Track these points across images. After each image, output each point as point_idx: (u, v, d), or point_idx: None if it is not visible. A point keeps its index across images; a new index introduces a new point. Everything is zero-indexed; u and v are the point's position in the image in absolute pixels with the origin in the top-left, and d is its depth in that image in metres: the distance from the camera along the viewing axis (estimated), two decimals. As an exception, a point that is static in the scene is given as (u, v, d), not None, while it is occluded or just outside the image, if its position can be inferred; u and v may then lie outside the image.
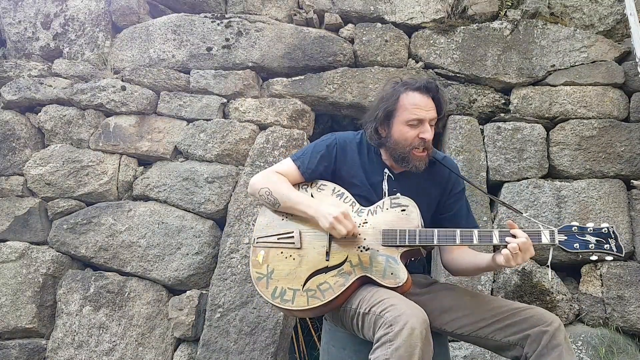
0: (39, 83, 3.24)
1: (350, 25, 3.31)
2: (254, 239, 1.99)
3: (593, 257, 1.80)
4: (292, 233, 1.93)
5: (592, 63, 3.15)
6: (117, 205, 3.04)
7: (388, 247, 1.83)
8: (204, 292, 2.90)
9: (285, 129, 3.10)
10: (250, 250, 2.00)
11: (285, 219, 1.98)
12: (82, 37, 3.42)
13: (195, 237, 2.95)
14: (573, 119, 3.07)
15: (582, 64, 3.15)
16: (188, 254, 2.93)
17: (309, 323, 3.46)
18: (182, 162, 3.13)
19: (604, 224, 1.77)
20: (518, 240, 1.70)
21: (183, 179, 3.04)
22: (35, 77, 3.29)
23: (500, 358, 2.22)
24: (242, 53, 3.26)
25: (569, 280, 2.96)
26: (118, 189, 3.11)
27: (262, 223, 2.01)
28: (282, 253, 1.92)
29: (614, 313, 2.80)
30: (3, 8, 3.46)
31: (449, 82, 3.19)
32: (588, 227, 1.77)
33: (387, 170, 1.99)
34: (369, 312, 1.69)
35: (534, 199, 2.94)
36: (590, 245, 1.74)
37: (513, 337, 1.74)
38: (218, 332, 2.77)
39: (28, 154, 3.18)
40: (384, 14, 3.29)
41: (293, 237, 1.92)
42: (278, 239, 1.95)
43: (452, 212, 2.01)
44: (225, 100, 3.20)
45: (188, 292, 2.89)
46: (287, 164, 2.04)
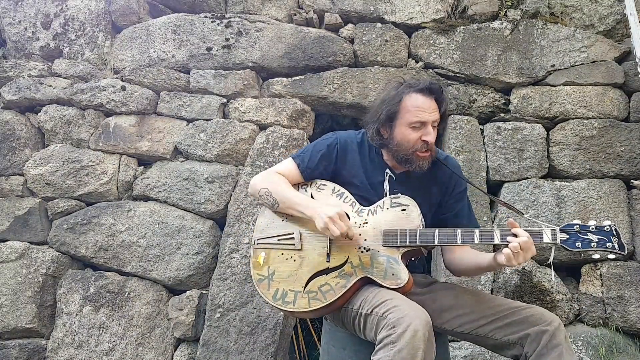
0: (39, 83, 3.24)
1: (350, 25, 3.31)
2: (254, 240, 1.99)
3: (595, 255, 1.79)
4: (292, 234, 1.93)
5: (592, 63, 3.15)
6: (117, 205, 3.04)
7: (389, 247, 1.83)
8: (204, 292, 2.90)
9: (285, 129, 3.10)
10: (251, 252, 1.99)
11: (285, 220, 1.97)
12: (82, 37, 3.42)
13: (195, 237, 2.95)
14: (573, 119, 3.07)
15: (582, 64, 3.15)
16: (188, 254, 2.93)
17: (309, 323, 3.46)
18: (182, 162, 3.13)
19: (607, 222, 1.76)
20: (519, 240, 1.69)
21: (183, 179, 3.04)
22: (35, 77, 3.29)
23: (501, 358, 2.22)
24: (242, 53, 3.26)
25: (569, 280, 2.95)
26: (118, 189, 3.11)
27: (262, 224, 2.01)
28: (282, 254, 1.92)
29: (614, 313, 2.80)
30: (3, 8, 3.45)
31: (449, 82, 3.19)
32: (590, 225, 1.75)
33: (388, 171, 1.98)
34: (372, 313, 1.69)
35: (534, 199, 2.94)
36: (593, 244, 1.73)
37: (513, 336, 1.73)
38: (218, 332, 2.77)
39: (28, 154, 3.18)
40: (384, 14, 3.29)
41: (293, 238, 1.92)
42: (278, 240, 1.95)
43: (453, 212, 2.00)
44: (225, 100, 3.20)
45: (188, 292, 2.89)
46: (287, 164, 2.04)
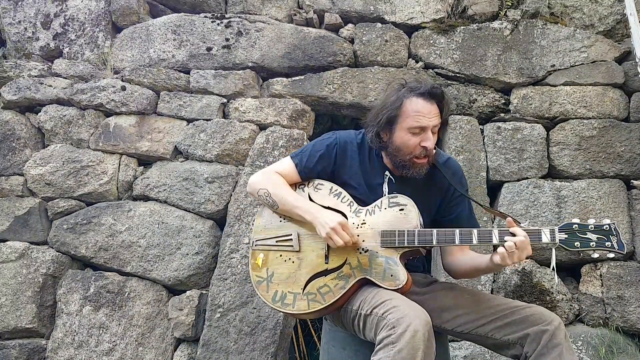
0: (39, 83, 3.24)
1: (350, 25, 3.31)
2: (253, 242, 1.98)
3: (595, 254, 1.78)
4: (290, 236, 1.93)
5: (592, 63, 3.15)
6: (117, 205, 3.04)
7: (387, 248, 1.82)
8: (204, 292, 2.90)
9: (285, 129, 3.10)
10: (249, 253, 1.99)
11: (283, 221, 1.97)
12: (82, 37, 3.42)
13: (195, 237, 2.95)
14: (573, 119, 3.07)
15: (582, 64, 3.14)
16: (188, 254, 2.93)
17: (309, 323, 3.46)
18: (182, 162, 3.13)
19: (606, 220, 1.74)
20: (515, 239, 1.68)
21: (183, 179, 3.04)
22: (35, 77, 3.29)
23: (501, 358, 2.22)
24: (242, 53, 3.26)
25: (569, 280, 2.95)
26: (118, 189, 3.11)
27: (260, 225, 2.00)
28: (281, 256, 1.92)
29: (614, 313, 2.80)
30: (3, 8, 3.45)
31: (449, 82, 3.19)
32: (589, 224, 1.74)
33: (388, 173, 1.96)
34: (371, 313, 1.69)
35: (534, 199, 2.94)
36: (592, 243, 1.72)
37: (512, 335, 1.73)
38: (218, 332, 2.77)
39: (28, 154, 3.18)
40: (384, 14, 3.29)
41: (292, 239, 1.92)
42: (277, 242, 1.94)
43: (453, 214, 1.98)
44: (225, 100, 3.20)
45: (188, 292, 2.89)
46: (285, 163, 2.03)
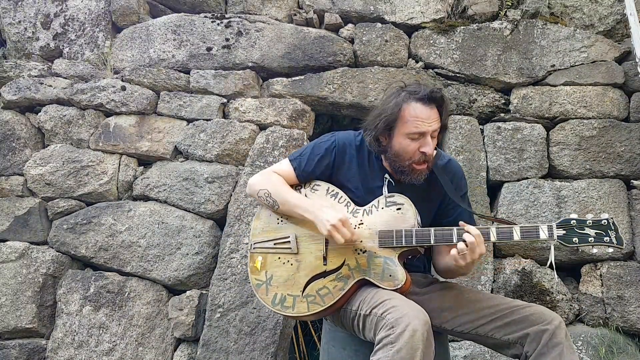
0: (39, 83, 3.24)
1: (350, 25, 3.31)
2: (251, 245, 1.98)
3: (594, 249, 1.78)
4: (288, 238, 1.93)
5: (592, 63, 3.14)
6: (117, 205, 3.04)
7: (385, 248, 1.82)
8: (204, 292, 2.90)
9: (285, 129, 3.10)
10: (248, 256, 1.99)
11: (281, 223, 1.97)
12: (82, 37, 3.42)
13: (195, 237, 2.95)
14: (573, 119, 3.07)
15: (582, 64, 3.14)
16: (188, 254, 2.93)
17: (309, 323, 3.46)
18: (182, 162, 3.13)
19: (604, 215, 1.74)
20: (468, 238, 1.70)
21: (183, 179, 3.04)
22: (35, 77, 3.29)
23: (501, 357, 2.22)
24: (242, 53, 3.26)
25: (569, 280, 2.96)
26: (118, 189, 3.11)
27: (257, 227, 2.00)
28: (279, 259, 1.92)
29: (614, 313, 2.80)
30: (3, 8, 3.45)
31: (449, 82, 3.19)
32: (587, 219, 1.74)
33: (387, 176, 1.96)
34: (370, 313, 1.69)
35: (534, 199, 2.94)
36: (590, 239, 1.72)
37: (512, 335, 1.73)
38: (218, 332, 2.77)
39: (28, 154, 3.18)
40: (384, 14, 3.29)
41: (289, 242, 1.92)
42: (275, 245, 1.94)
43: (453, 217, 1.97)
44: (225, 100, 3.20)
45: (188, 292, 2.89)
46: (283, 165, 2.03)
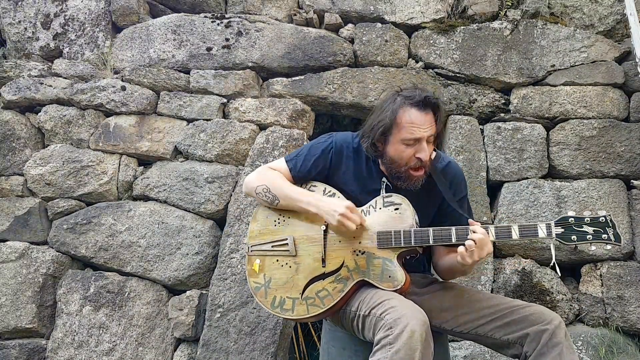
0: (39, 83, 3.24)
1: (350, 25, 3.31)
2: (248, 247, 1.98)
3: (592, 247, 1.78)
4: (285, 240, 1.92)
5: (592, 63, 3.15)
6: (117, 205, 3.04)
7: (384, 249, 1.82)
8: (204, 292, 2.90)
9: (285, 129, 3.10)
10: (246, 259, 1.98)
11: (278, 224, 1.96)
12: (82, 37, 3.42)
13: (195, 237, 2.95)
14: (573, 119, 3.07)
15: (582, 64, 3.14)
16: (188, 254, 2.93)
17: (309, 323, 3.45)
18: (182, 162, 3.13)
19: (602, 212, 1.74)
20: (475, 236, 1.69)
21: (183, 179, 3.04)
22: (35, 77, 3.29)
23: (501, 357, 2.22)
24: (242, 53, 3.25)
25: (569, 280, 2.96)
26: (118, 189, 3.11)
27: (255, 230, 1.99)
28: (277, 261, 1.91)
29: (614, 313, 2.80)
30: (3, 8, 3.45)
31: (449, 82, 3.18)
32: (585, 216, 1.74)
33: (385, 179, 1.95)
34: (369, 314, 1.69)
35: (534, 199, 2.94)
36: (588, 236, 1.72)
37: (512, 335, 1.73)
38: (218, 332, 2.77)
39: (28, 154, 3.18)
40: (384, 14, 3.29)
41: (287, 244, 1.91)
42: (272, 247, 1.94)
43: (453, 218, 1.96)
44: (225, 100, 3.20)
45: (188, 292, 2.89)
46: (279, 165, 2.02)
